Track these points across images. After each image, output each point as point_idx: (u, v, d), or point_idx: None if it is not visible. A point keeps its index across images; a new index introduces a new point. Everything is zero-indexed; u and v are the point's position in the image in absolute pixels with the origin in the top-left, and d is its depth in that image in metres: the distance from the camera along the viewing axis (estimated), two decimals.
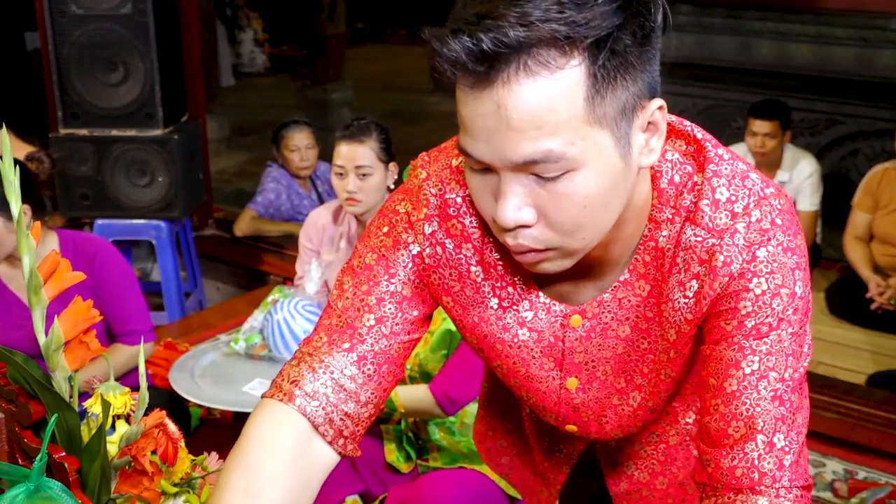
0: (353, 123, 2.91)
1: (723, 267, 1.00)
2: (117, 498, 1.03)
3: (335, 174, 2.90)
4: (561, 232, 0.96)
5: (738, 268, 1.00)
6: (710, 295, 1.02)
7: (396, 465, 2.30)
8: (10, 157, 1.00)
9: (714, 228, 1.00)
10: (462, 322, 1.16)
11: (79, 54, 3.62)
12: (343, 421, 1.09)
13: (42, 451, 0.91)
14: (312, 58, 8.52)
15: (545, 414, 1.24)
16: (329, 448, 1.09)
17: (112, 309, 2.53)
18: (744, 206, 1.00)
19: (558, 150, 0.90)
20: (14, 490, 0.90)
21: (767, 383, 1.00)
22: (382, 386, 1.11)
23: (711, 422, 1.03)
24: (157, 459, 1.05)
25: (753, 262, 1.00)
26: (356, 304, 1.11)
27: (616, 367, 1.14)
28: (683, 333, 1.07)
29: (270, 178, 4.44)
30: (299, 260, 3.08)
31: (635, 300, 1.09)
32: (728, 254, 1.00)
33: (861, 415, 2.94)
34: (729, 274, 1.00)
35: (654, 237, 1.05)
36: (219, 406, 2.51)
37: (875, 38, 4.99)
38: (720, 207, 1.00)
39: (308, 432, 1.07)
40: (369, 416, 1.12)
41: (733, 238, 0.99)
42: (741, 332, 1.01)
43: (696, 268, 1.02)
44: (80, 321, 1.02)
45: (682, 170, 1.04)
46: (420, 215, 1.11)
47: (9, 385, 1.02)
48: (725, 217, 1.00)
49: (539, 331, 1.13)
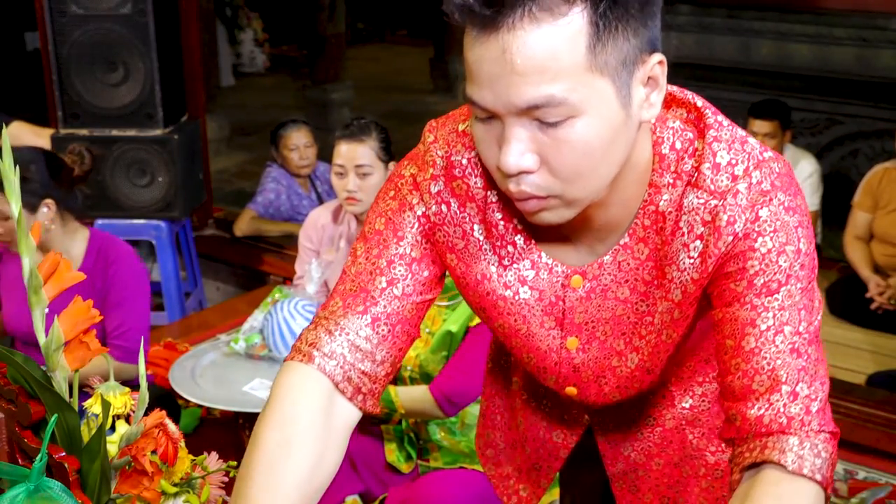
0: (353, 123, 2.91)
1: (727, 226, 1.04)
2: (117, 498, 1.03)
3: (335, 173, 2.90)
4: (562, 179, 0.99)
5: (742, 227, 1.03)
6: (714, 254, 1.05)
7: (397, 465, 2.30)
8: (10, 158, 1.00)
9: (716, 190, 1.04)
10: (465, 280, 1.19)
11: (79, 54, 3.62)
12: (360, 379, 1.13)
13: (42, 451, 0.91)
14: (312, 58, 8.51)
15: (545, 376, 1.26)
16: (350, 404, 1.13)
17: (111, 318, 2.52)
18: (744, 168, 1.04)
19: (560, 95, 0.94)
20: (14, 490, 0.90)
21: (784, 337, 1.03)
22: (397, 346, 1.15)
23: (735, 380, 1.05)
24: (157, 459, 1.05)
25: (757, 222, 1.03)
26: (368, 269, 1.15)
27: (615, 328, 1.17)
28: (689, 294, 1.10)
29: (270, 178, 4.44)
30: (299, 260, 3.09)
31: (634, 263, 1.12)
32: (731, 213, 1.03)
33: (861, 415, 2.94)
34: (733, 233, 1.04)
35: (655, 201, 1.08)
36: (219, 406, 2.51)
37: (875, 38, 4.99)
38: (721, 170, 1.04)
39: (330, 390, 1.11)
40: (386, 374, 1.16)
41: (736, 198, 1.03)
42: (752, 292, 1.04)
43: (700, 229, 1.05)
44: (80, 321, 1.02)
45: (682, 136, 1.07)
46: (426, 176, 1.15)
47: (9, 385, 1.02)
48: (727, 179, 1.04)
49: (540, 290, 1.16)
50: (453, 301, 2.21)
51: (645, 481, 1.41)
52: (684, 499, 1.40)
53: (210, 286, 4.65)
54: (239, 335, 2.67)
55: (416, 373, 2.27)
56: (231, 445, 2.67)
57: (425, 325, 2.25)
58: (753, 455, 1.02)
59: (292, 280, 3.06)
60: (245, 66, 10.14)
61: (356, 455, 2.30)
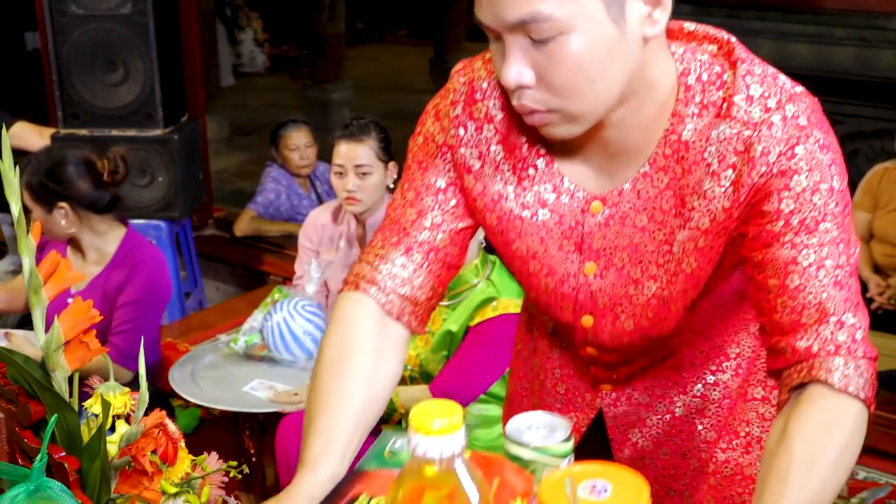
0: (353, 123, 2.91)
1: (761, 157, 1.06)
2: (117, 498, 1.03)
3: (335, 173, 2.90)
4: (558, 95, 1.05)
5: (776, 158, 1.06)
6: (748, 183, 1.07)
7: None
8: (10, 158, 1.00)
9: (749, 121, 1.07)
10: (482, 201, 1.22)
11: (79, 54, 3.62)
12: (402, 303, 1.21)
13: (42, 451, 0.91)
14: (312, 58, 8.50)
15: (563, 304, 1.26)
16: (398, 323, 1.22)
17: (117, 315, 2.53)
18: (777, 100, 1.07)
19: (546, 11, 0.99)
20: (14, 490, 0.90)
21: (826, 271, 1.06)
22: (434, 273, 1.23)
23: (783, 317, 1.08)
24: (157, 459, 1.05)
25: (793, 160, 1.06)
26: (401, 203, 1.25)
27: (633, 256, 1.18)
28: (719, 222, 1.11)
29: (270, 178, 4.44)
30: (298, 260, 3.09)
31: (654, 192, 1.14)
32: (765, 144, 1.06)
33: None
34: (767, 163, 1.06)
35: (678, 131, 1.11)
36: (219, 406, 2.51)
37: (875, 38, 4.99)
38: (754, 102, 1.07)
39: (377, 311, 1.21)
40: (427, 299, 1.23)
41: (770, 130, 1.06)
42: (791, 231, 1.07)
43: (733, 158, 1.08)
44: (80, 321, 1.02)
45: (710, 69, 1.10)
46: (446, 102, 1.21)
47: (9, 385, 1.02)
48: (760, 111, 1.07)
49: (561, 214, 1.19)
50: (454, 301, 2.21)
51: (651, 470, 1.41)
52: (690, 493, 1.40)
53: (210, 286, 4.64)
54: (238, 335, 2.68)
55: (417, 372, 2.27)
56: (231, 445, 2.67)
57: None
58: (801, 376, 1.05)
59: (292, 280, 3.06)
60: (245, 66, 10.14)
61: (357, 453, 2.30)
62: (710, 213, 1.11)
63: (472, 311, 2.19)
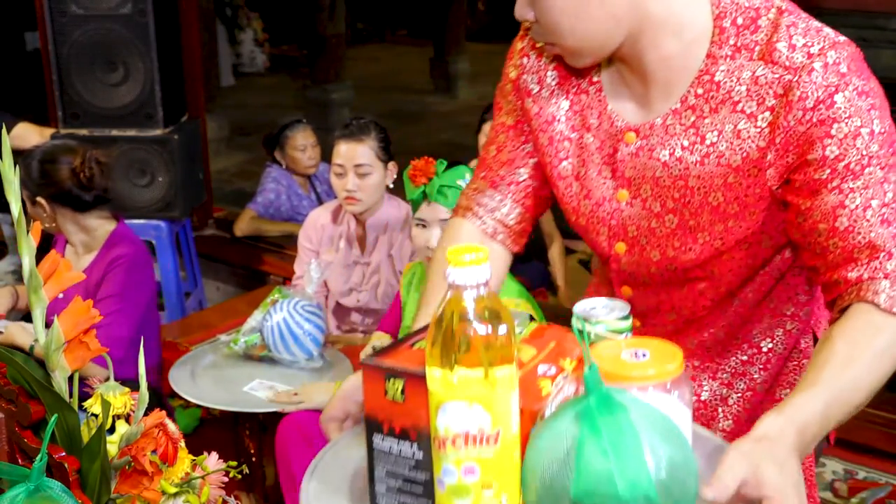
0: (353, 123, 2.91)
1: (798, 101, 1.11)
2: (117, 498, 1.03)
3: (334, 173, 2.90)
4: (550, 32, 1.18)
5: (814, 105, 1.11)
6: (784, 126, 1.13)
7: None
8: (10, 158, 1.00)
9: (791, 66, 1.12)
10: (537, 122, 1.33)
11: (79, 54, 3.61)
12: (496, 225, 1.39)
13: (42, 451, 0.91)
14: (312, 58, 8.50)
15: (598, 229, 1.32)
16: (495, 242, 1.38)
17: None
18: (819, 48, 1.13)
19: None
20: (14, 490, 0.90)
21: (873, 211, 1.11)
22: (518, 201, 1.39)
23: (836, 257, 1.14)
24: (157, 459, 1.05)
25: (832, 108, 1.11)
26: (487, 142, 1.41)
27: (653, 189, 1.25)
28: (751, 160, 1.17)
29: (270, 178, 4.44)
30: (298, 260, 3.09)
31: (679, 129, 1.20)
32: (804, 89, 1.11)
33: (861, 415, 2.92)
34: (804, 108, 1.11)
35: (711, 71, 1.17)
36: (219, 406, 2.51)
37: (875, 38, 4.99)
38: (797, 49, 1.13)
39: (479, 231, 1.38)
40: (516, 223, 1.39)
41: (810, 76, 1.11)
42: (836, 177, 1.12)
43: (771, 101, 1.13)
44: (80, 321, 1.02)
45: (746, 14, 1.16)
46: (517, 41, 1.35)
47: (9, 385, 1.02)
48: (802, 57, 1.12)
49: (602, 140, 1.28)
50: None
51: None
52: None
53: (210, 286, 4.64)
54: (238, 336, 2.67)
55: None
56: (231, 445, 2.67)
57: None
58: (850, 297, 1.12)
59: (291, 280, 3.06)
60: (245, 66, 10.14)
61: None
62: (743, 151, 1.16)
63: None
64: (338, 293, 3.00)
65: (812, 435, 1.03)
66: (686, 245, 1.26)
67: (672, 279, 1.30)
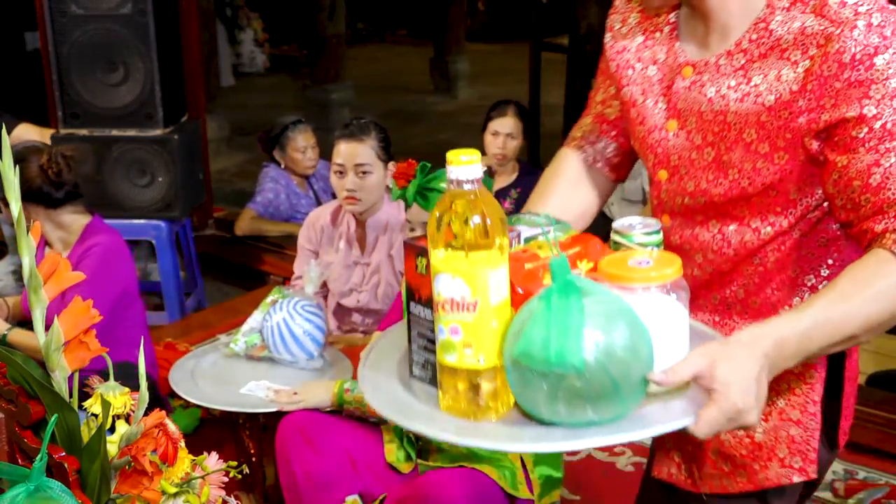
0: (353, 122, 2.91)
1: (836, 54, 1.17)
2: (117, 498, 1.03)
3: (334, 173, 2.90)
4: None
5: (850, 62, 1.16)
6: (817, 74, 1.19)
7: (396, 464, 2.30)
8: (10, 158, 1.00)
9: (836, 20, 1.18)
10: (610, 52, 1.47)
11: (79, 54, 3.62)
12: (595, 154, 1.57)
13: (42, 451, 0.91)
14: (312, 58, 8.51)
15: (647, 155, 1.44)
16: (595, 168, 1.57)
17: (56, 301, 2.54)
18: (867, 8, 1.17)
19: None
20: (14, 490, 0.90)
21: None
22: (613, 137, 1.55)
23: (866, 210, 1.20)
24: (157, 459, 1.05)
25: (871, 70, 1.16)
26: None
27: (698, 122, 1.33)
28: (783, 102, 1.23)
29: (268, 178, 4.44)
30: (298, 260, 3.09)
31: (730, 70, 1.29)
32: (843, 44, 1.17)
33: (861, 415, 2.93)
34: (839, 62, 1.17)
35: (768, 20, 1.25)
36: (219, 406, 2.51)
37: None
38: (847, 6, 1.18)
39: (582, 161, 1.57)
40: (613, 155, 1.57)
41: (851, 32, 1.17)
42: (873, 136, 1.18)
43: (813, 51, 1.20)
44: (80, 321, 1.02)
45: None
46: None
47: (9, 385, 1.02)
48: (849, 12, 1.17)
49: (664, 72, 1.38)
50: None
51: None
52: (696, 450, 1.47)
53: (210, 286, 4.64)
54: (238, 336, 2.67)
55: None
56: (231, 445, 2.67)
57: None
58: (873, 245, 1.19)
59: (291, 280, 3.06)
60: (245, 66, 10.14)
61: (356, 454, 2.30)
62: (777, 92, 1.23)
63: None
64: (338, 293, 3.00)
65: (791, 352, 1.12)
66: (718, 179, 1.32)
67: (703, 213, 1.37)
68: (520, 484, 2.21)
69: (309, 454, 2.24)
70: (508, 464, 2.22)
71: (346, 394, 2.29)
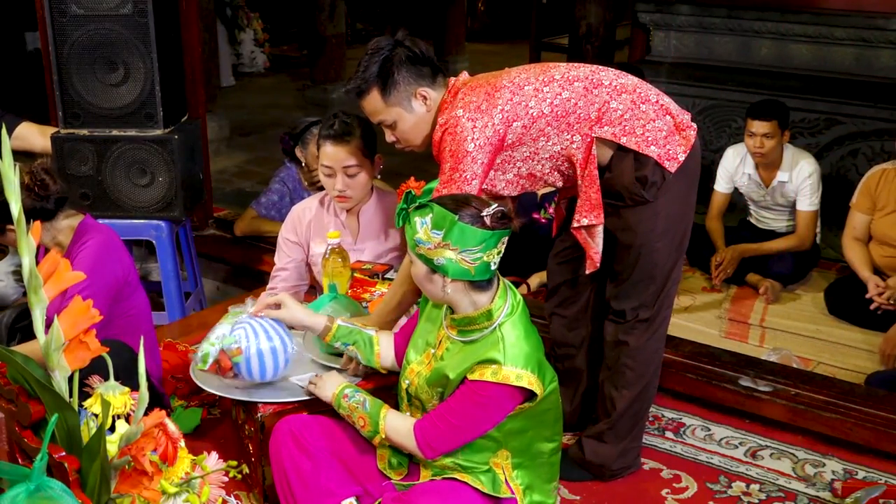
0: (335, 122, 2.95)
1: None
2: (117, 497, 1.03)
3: (323, 174, 2.99)
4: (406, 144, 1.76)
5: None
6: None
7: (387, 472, 2.30)
8: (11, 158, 1.00)
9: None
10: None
11: (79, 54, 3.61)
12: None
13: (42, 451, 0.92)
14: (312, 58, 8.51)
15: None
16: None
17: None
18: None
19: None
20: (14, 490, 0.90)
21: None
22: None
23: None
24: (157, 459, 1.05)
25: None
26: None
27: None
28: None
29: (278, 178, 4.39)
30: (279, 253, 3.17)
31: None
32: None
33: (861, 415, 2.93)
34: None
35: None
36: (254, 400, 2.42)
37: (875, 39, 4.98)
38: None
39: None
40: None
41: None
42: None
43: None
44: (80, 321, 1.02)
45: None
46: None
47: (9, 385, 1.02)
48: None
49: None
50: (464, 338, 2.17)
51: None
52: None
53: (210, 286, 4.64)
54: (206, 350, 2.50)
55: (413, 391, 2.25)
56: (231, 445, 2.67)
57: (431, 345, 2.23)
58: None
59: (272, 272, 3.13)
60: (245, 66, 10.13)
61: (351, 459, 2.29)
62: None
63: (473, 364, 2.14)
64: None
65: None
66: None
67: None
68: (500, 485, 2.21)
69: (301, 458, 2.24)
70: (486, 469, 2.21)
71: (344, 399, 2.27)
